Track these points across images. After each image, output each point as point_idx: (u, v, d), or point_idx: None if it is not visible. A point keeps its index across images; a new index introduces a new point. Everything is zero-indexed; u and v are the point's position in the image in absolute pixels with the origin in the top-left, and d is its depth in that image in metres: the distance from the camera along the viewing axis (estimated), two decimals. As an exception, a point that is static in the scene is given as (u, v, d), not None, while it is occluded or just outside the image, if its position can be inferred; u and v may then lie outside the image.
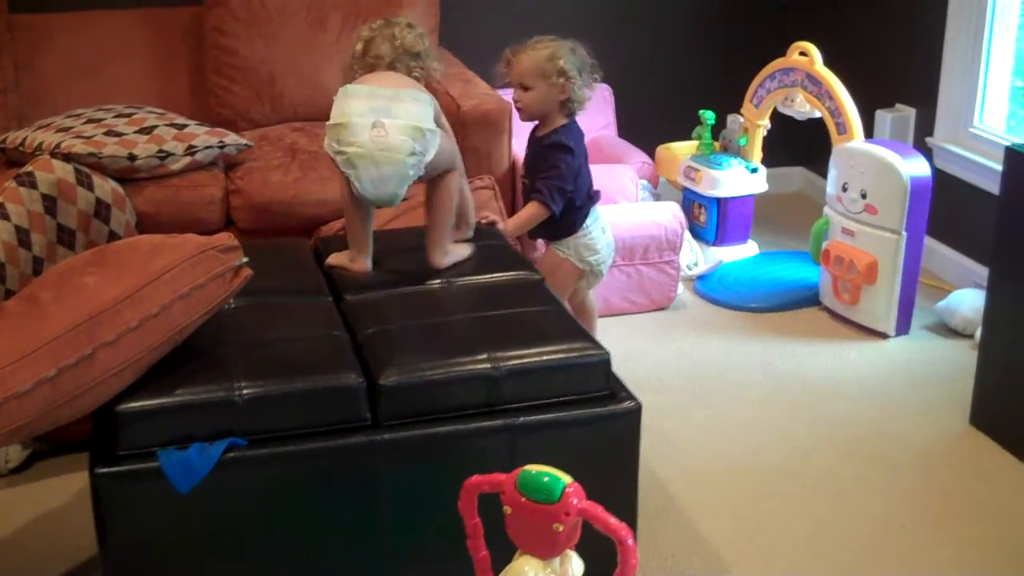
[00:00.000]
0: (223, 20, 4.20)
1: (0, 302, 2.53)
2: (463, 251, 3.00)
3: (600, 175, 4.15)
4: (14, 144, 3.70)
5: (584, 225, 3.36)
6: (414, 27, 3.02)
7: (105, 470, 2.28)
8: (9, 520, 2.93)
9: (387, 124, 2.71)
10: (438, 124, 2.86)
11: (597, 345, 2.54)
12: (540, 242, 3.67)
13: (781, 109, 4.36)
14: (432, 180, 2.93)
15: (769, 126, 4.43)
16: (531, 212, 3.26)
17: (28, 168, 3.32)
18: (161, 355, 2.37)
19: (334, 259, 3.00)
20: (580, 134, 3.34)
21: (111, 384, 2.29)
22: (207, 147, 3.73)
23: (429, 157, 2.76)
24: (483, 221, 3.24)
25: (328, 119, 2.78)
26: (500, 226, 3.27)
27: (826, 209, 4.03)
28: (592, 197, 3.37)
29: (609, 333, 3.77)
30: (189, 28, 4.30)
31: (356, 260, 2.96)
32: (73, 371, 2.22)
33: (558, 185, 3.23)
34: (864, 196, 3.81)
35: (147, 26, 4.29)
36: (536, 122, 3.34)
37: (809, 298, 4.15)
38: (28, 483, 3.07)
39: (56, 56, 4.19)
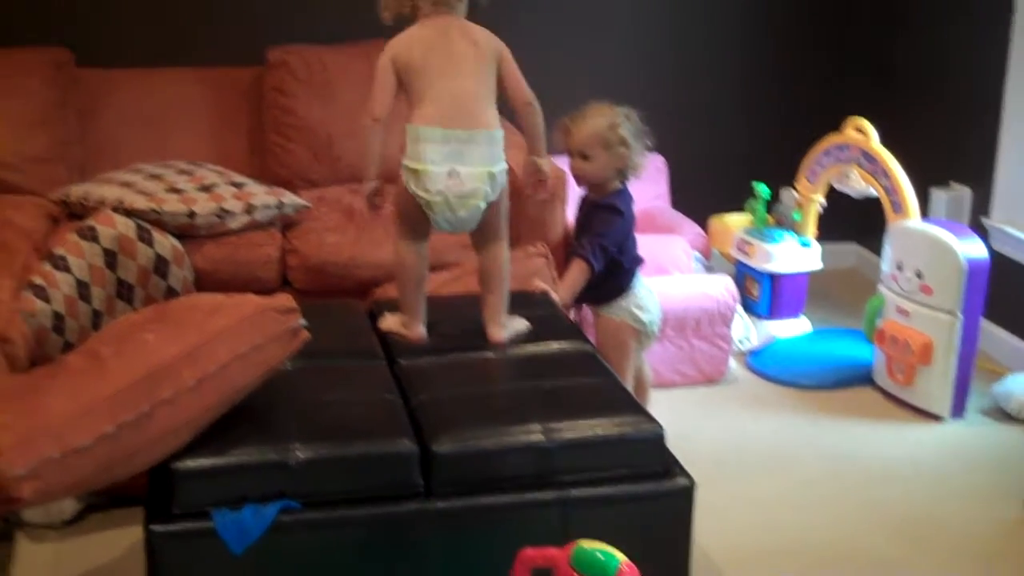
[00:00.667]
0: (283, 80, 4.26)
1: (61, 356, 2.55)
2: (520, 325, 3.01)
3: (652, 246, 4.17)
4: (76, 197, 3.76)
5: (631, 285, 3.36)
6: None
7: (160, 528, 2.29)
8: (62, 573, 2.93)
9: (462, 173, 2.79)
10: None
11: (652, 419, 2.53)
12: (586, 311, 3.66)
13: (836, 186, 4.35)
14: (483, 251, 2.97)
15: (824, 202, 4.42)
16: (576, 271, 3.23)
17: (90, 222, 3.38)
18: (218, 414, 2.39)
19: (387, 323, 3.01)
20: (630, 198, 3.35)
21: (168, 442, 2.30)
22: (265, 207, 3.76)
23: (501, 186, 2.90)
24: (536, 290, 3.24)
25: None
26: (553, 296, 3.27)
27: (881, 287, 4.00)
28: (638, 260, 3.38)
29: (659, 405, 3.73)
30: (250, 88, 4.35)
31: (409, 326, 2.97)
32: (132, 428, 2.24)
33: (601, 243, 3.22)
34: (920, 276, 3.79)
35: (209, 84, 4.35)
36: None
37: (862, 377, 4.11)
38: (82, 536, 3.07)
39: (119, 111, 4.25)
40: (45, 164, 4.06)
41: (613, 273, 3.29)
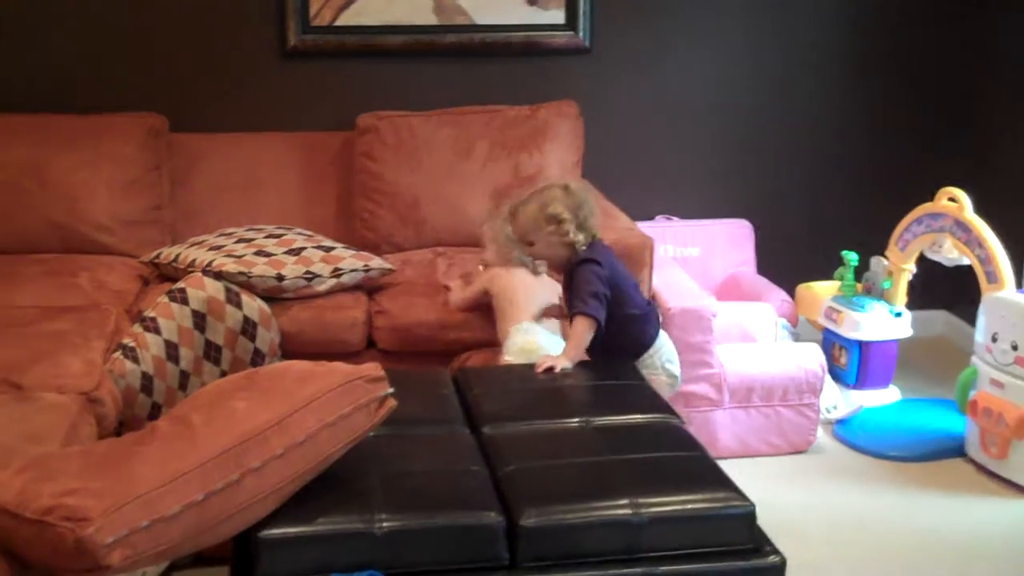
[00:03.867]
0: (372, 146, 4.31)
1: (152, 422, 2.57)
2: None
3: (738, 312, 4.15)
4: (168, 259, 3.82)
5: (657, 337, 3.35)
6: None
7: (245, 597, 2.28)
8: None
9: None
10: None
11: (743, 496, 2.48)
12: None
13: (928, 254, 4.28)
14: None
15: (915, 270, 4.35)
16: (579, 329, 3.21)
17: (180, 284, 3.42)
18: (304, 482, 2.39)
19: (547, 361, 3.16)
20: (606, 249, 3.33)
21: (255, 510, 2.31)
22: (352, 270, 3.79)
23: None
24: (539, 370, 3.17)
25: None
26: (559, 366, 3.15)
27: (974, 358, 3.92)
28: (650, 306, 3.39)
29: (745, 474, 3.66)
30: (339, 153, 4.41)
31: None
32: (220, 496, 2.24)
33: (590, 292, 3.19)
34: (1015, 348, 3.70)
35: (298, 149, 4.41)
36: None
37: (954, 449, 4.02)
38: (163, 597, 3.09)
39: (210, 175, 4.33)
40: (138, 226, 4.15)
41: (627, 324, 3.28)
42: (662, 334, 3.40)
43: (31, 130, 4.15)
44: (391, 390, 2.53)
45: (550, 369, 3.14)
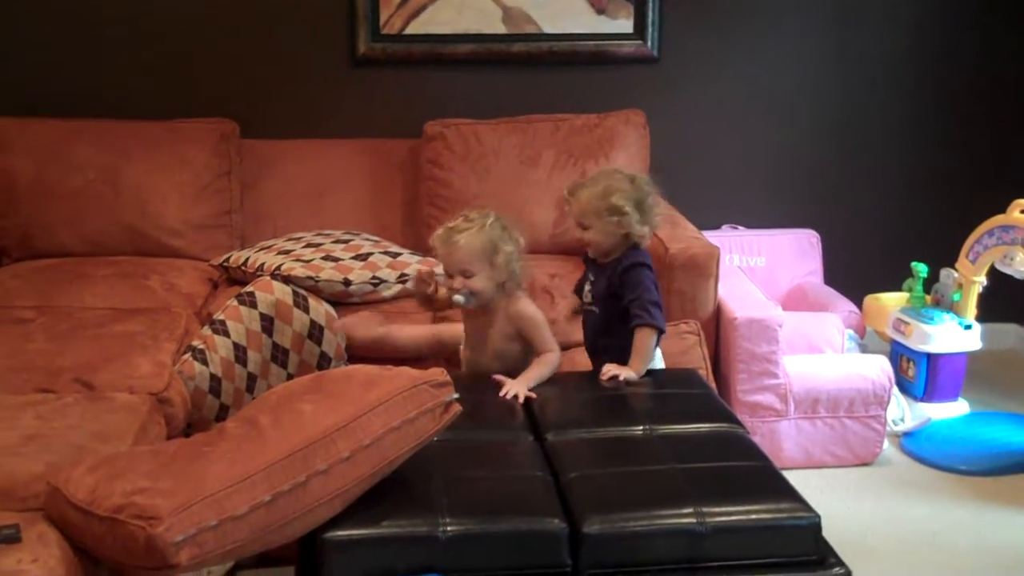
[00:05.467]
0: (439, 153, 4.33)
1: (220, 424, 2.60)
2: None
3: (805, 323, 4.11)
4: (237, 263, 3.87)
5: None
6: None
7: (310, 597, 2.31)
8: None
9: None
10: None
11: (808, 507, 2.47)
12: None
13: (999, 267, 4.22)
14: None
15: (985, 282, 4.30)
16: (645, 341, 3.17)
17: (249, 288, 3.46)
18: (369, 486, 2.42)
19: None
20: (647, 253, 3.29)
21: (321, 512, 2.33)
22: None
23: None
24: (603, 378, 3.15)
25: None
26: (624, 375, 3.14)
27: (1045, 372, 3.87)
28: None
29: (809, 486, 3.66)
30: (407, 160, 4.44)
31: None
32: (287, 497, 2.27)
33: (652, 299, 3.17)
34: (1088, 362, 3.65)
35: (366, 156, 4.45)
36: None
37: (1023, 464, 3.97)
38: (228, 596, 3.12)
39: (279, 180, 4.38)
40: (208, 231, 4.21)
41: None
42: None
43: (107, 135, 4.23)
44: (456, 395, 2.55)
45: (614, 378, 3.13)
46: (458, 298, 3.18)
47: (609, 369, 3.16)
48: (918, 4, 4.80)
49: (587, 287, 3.34)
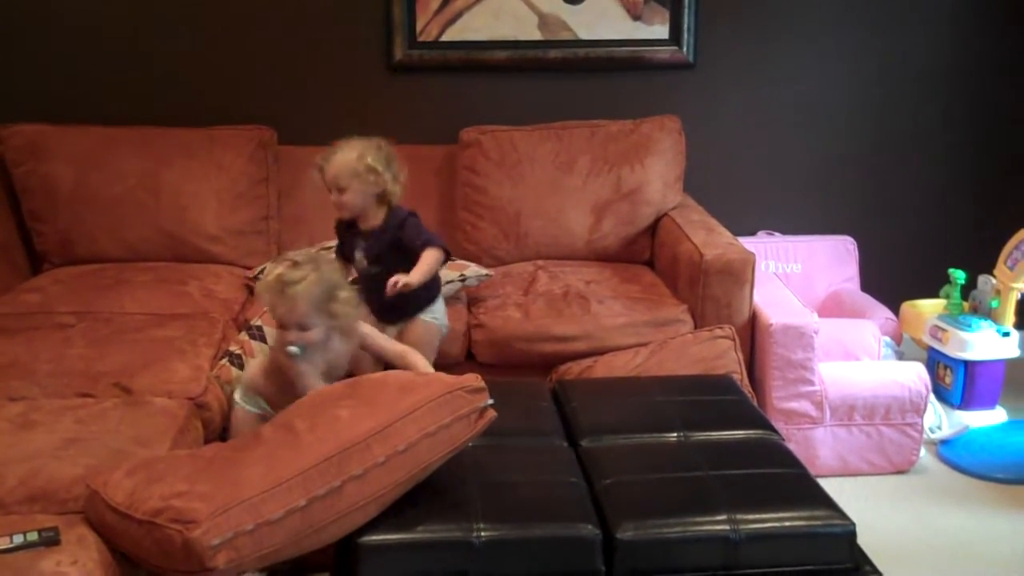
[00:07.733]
0: (475, 160, 4.35)
1: (258, 428, 2.63)
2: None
3: (841, 329, 4.09)
4: (273, 271, 3.89)
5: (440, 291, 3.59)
6: None
7: (345, 601, 2.32)
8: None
9: None
10: None
11: (843, 515, 2.46)
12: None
13: (1038, 273, 4.19)
14: None
15: (1024, 289, 4.27)
16: (431, 258, 3.37)
17: (286, 294, 3.48)
18: (404, 491, 2.43)
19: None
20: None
21: (356, 517, 2.35)
22: (448, 281, 3.82)
23: None
24: (389, 290, 3.25)
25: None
26: (404, 280, 3.26)
27: (1084, 380, 3.83)
28: None
29: (845, 494, 3.65)
30: (443, 165, 4.46)
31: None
32: (322, 502, 2.29)
33: (435, 236, 3.42)
34: None
35: (402, 162, 4.38)
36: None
37: (1062, 473, 3.94)
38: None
39: (316, 186, 4.38)
40: (246, 236, 4.24)
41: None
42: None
43: (147, 142, 4.26)
44: (491, 401, 2.56)
45: (395, 283, 3.26)
46: (293, 350, 2.97)
47: (396, 280, 3.27)
48: (954, 12, 4.78)
49: (359, 254, 3.49)
